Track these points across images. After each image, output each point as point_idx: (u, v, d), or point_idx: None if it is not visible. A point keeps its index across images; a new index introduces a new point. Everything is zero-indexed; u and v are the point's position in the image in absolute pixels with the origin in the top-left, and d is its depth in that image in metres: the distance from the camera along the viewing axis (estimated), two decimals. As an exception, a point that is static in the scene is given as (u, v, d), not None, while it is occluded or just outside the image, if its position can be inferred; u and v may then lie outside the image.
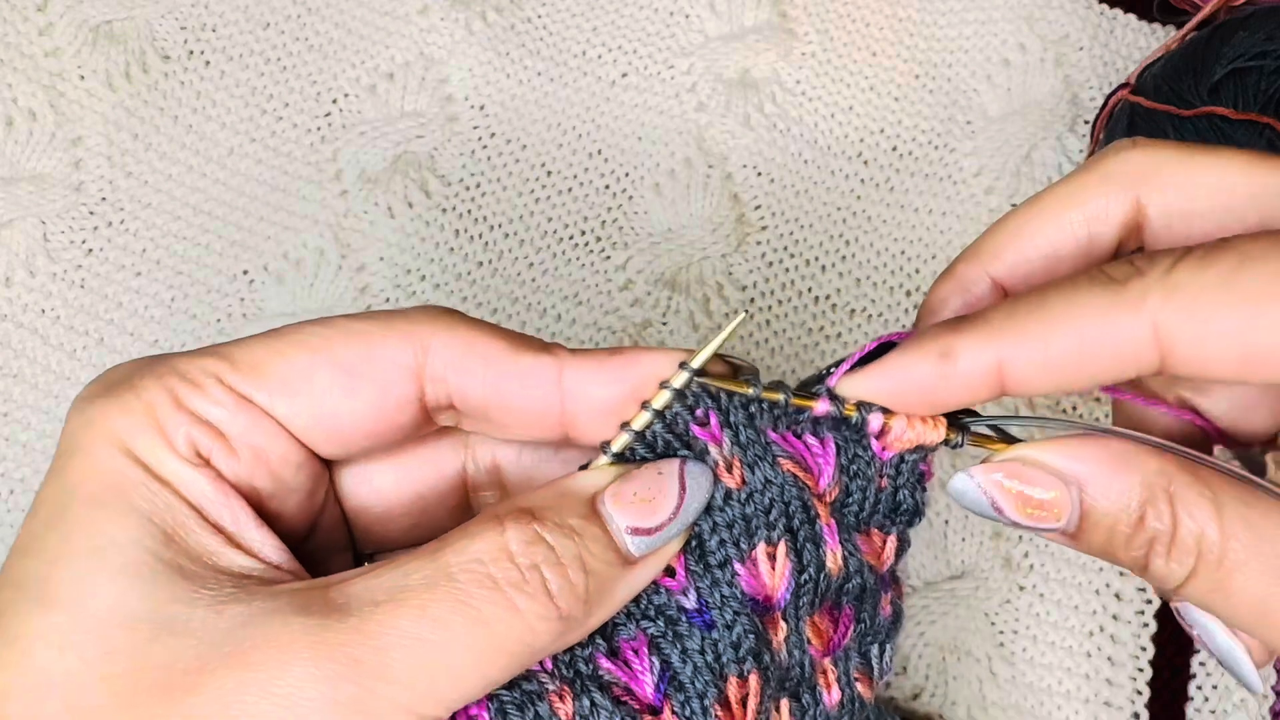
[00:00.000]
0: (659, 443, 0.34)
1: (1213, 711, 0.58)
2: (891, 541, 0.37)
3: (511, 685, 0.31)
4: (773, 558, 0.34)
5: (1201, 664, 0.59)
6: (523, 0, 0.72)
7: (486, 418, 0.35)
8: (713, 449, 0.34)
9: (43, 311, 0.64)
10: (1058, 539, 0.34)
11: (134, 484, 0.31)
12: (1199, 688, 0.58)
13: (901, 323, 0.65)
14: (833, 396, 0.35)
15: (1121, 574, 0.59)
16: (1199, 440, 0.39)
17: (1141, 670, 0.58)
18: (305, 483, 0.35)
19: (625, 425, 0.34)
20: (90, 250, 0.65)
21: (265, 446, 0.33)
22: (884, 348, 0.35)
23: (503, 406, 0.34)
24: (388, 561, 0.31)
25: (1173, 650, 0.59)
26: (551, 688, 0.31)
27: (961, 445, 0.36)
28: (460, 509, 0.38)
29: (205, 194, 0.67)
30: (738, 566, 0.34)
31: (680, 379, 0.34)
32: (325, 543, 0.37)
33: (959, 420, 0.36)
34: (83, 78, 0.68)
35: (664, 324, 0.64)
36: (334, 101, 0.69)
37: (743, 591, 0.34)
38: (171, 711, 0.28)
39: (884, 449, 0.35)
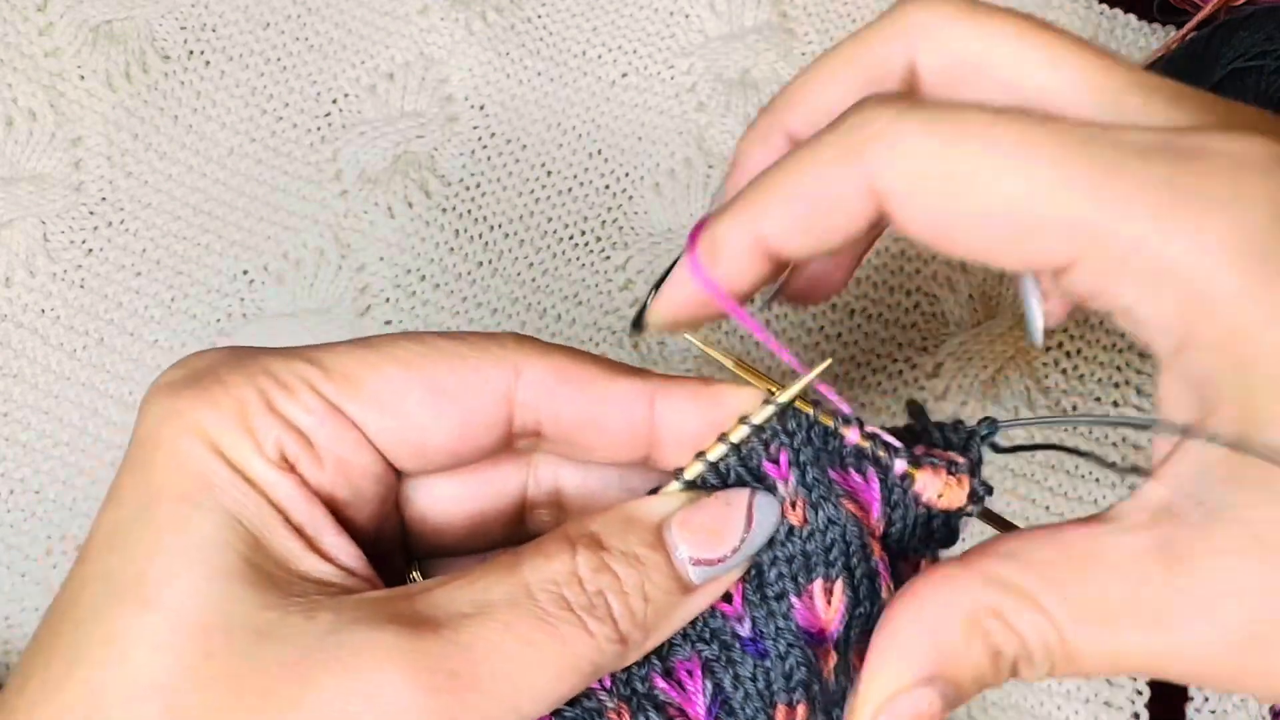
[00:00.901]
0: (731, 475, 0.34)
1: (1213, 711, 0.58)
2: (925, 564, 0.37)
3: (573, 702, 0.32)
4: (829, 593, 0.34)
5: (1201, 664, 0.58)
6: (523, 0, 0.72)
7: (574, 441, 0.35)
8: (780, 486, 0.34)
9: (43, 311, 0.64)
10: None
11: (223, 484, 0.31)
12: (1199, 687, 0.58)
13: (901, 323, 0.65)
14: (864, 433, 0.35)
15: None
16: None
17: (1141, 670, 0.58)
18: (380, 493, 0.35)
19: (700, 455, 0.34)
20: (90, 250, 0.65)
21: (349, 458, 0.33)
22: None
23: (596, 429, 0.35)
24: (463, 575, 0.31)
25: (1173, 650, 0.58)
26: (610, 705, 0.32)
27: (974, 514, 0.36)
28: (514, 524, 0.39)
29: (205, 194, 0.67)
30: (794, 600, 0.34)
31: (762, 415, 0.34)
32: (385, 547, 0.37)
33: (977, 493, 0.36)
34: (83, 78, 0.68)
35: (664, 324, 0.64)
36: (334, 101, 0.69)
37: (797, 624, 0.34)
38: (275, 718, 0.28)
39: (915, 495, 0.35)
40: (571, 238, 0.66)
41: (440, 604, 0.30)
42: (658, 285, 0.36)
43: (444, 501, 0.37)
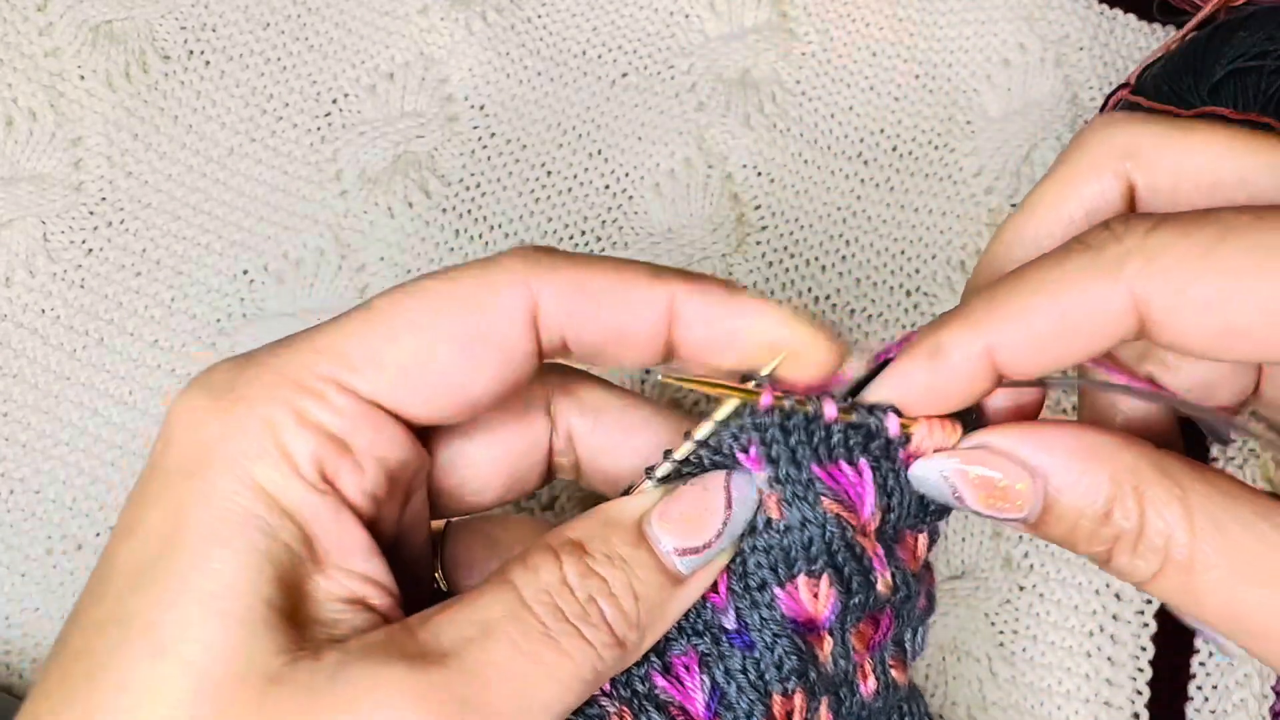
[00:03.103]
0: (706, 465, 0.34)
1: (1213, 711, 0.58)
2: (923, 538, 0.37)
3: (575, 711, 0.31)
4: (815, 589, 0.34)
5: (1201, 664, 0.59)
6: (523, 0, 0.72)
7: (600, 353, 0.34)
8: (755, 476, 0.34)
9: (43, 311, 0.64)
10: (1015, 526, 0.34)
11: (257, 520, 0.30)
12: (1199, 688, 0.58)
13: (901, 323, 0.65)
14: (843, 407, 0.34)
15: (1121, 574, 0.59)
16: (1164, 433, 0.39)
17: (1141, 670, 0.58)
18: (414, 480, 0.34)
19: (668, 453, 0.34)
20: (90, 250, 0.65)
21: (388, 455, 0.32)
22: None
23: (619, 341, 0.34)
24: (458, 600, 0.31)
25: (1173, 650, 0.58)
26: (611, 709, 0.32)
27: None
28: (545, 475, 0.39)
29: (205, 194, 0.67)
30: (777, 591, 0.34)
31: (724, 410, 0.34)
32: (408, 525, 0.37)
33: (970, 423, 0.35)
34: (83, 78, 0.68)
35: (664, 324, 0.64)
36: (334, 101, 0.69)
37: (782, 614, 0.34)
38: None
39: (909, 456, 0.35)
40: (571, 238, 0.66)
41: (443, 632, 0.30)
42: (865, 383, 0.35)
43: (480, 465, 0.37)
